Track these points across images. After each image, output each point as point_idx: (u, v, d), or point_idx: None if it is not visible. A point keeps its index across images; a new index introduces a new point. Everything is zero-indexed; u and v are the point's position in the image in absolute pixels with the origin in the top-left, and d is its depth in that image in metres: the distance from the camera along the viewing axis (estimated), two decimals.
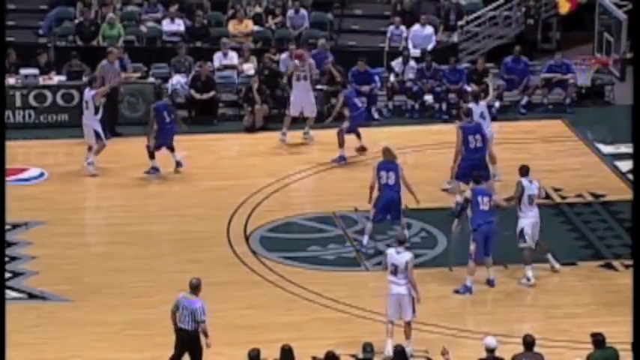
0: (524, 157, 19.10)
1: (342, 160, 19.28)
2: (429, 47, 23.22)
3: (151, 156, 18.92)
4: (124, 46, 22.54)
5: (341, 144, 19.27)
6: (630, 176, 18.98)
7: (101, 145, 18.88)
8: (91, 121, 18.85)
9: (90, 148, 18.90)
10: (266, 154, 20.20)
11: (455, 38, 23.80)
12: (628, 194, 18.23)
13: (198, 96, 21.59)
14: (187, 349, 12.92)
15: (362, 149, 19.67)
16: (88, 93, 18.99)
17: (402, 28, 23.53)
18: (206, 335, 12.84)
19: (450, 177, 17.73)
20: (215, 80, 21.94)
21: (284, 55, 22.49)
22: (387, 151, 16.43)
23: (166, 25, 23.53)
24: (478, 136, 17.32)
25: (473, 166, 16.92)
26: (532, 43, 24.69)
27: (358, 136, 19.63)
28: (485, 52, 23.65)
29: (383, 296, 13.93)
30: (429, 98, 22.13)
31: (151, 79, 21.98)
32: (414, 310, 13.69)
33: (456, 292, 15.19)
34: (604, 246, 16.61)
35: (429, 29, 23.45)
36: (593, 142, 20.53)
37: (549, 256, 15.79)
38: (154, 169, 18.89)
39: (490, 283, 15.47)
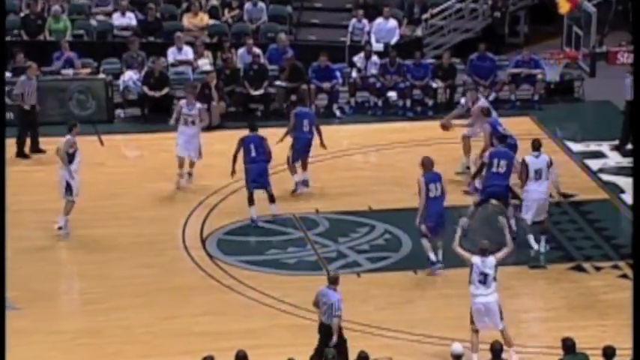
0: None
1: (304, 186, 18.23)
2: (393, 41, 23.30)
3: (250, 201, 17.15)
4: (72, 41, 22.42)
5: (292, 171, 18.17)
6: (601, 175, 19.19)
7: (71, 202, 16.89)
8: (64, 172, 16.87)
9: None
10: (223, 153, 20.11)
11: (419, 32, 23.90)
12: (598, 194, 18.43)
13: (151, 93, 21.53)
14: (327, 341, 13.04)
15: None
16: (69, 140, 16.89)
17: (365, 21, 23.60)
18: (335, 332, 12.99)
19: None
20: (169, 76, 21.89)
21: (241, 50, 22.49)
22: (429, 162, 15.90)
23: (117, 19, 23.43)
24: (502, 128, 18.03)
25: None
26: (499, 37, 24.86)
27: (304, 165, 18.16)
28: (451, 47, 23.78)
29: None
30: (392, 95, 22.21)
31: (102, 76, 21.88)
32: (501, 318, 13.64)
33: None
34: (574, 247, 16.75)
35: (393, 23, 23.53)
36: (563, 139, 20.69)
37: (542, 237, 16.29)
38: (252, 221, 17.18)
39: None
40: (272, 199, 17.39)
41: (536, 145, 16.46)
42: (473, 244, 14.73)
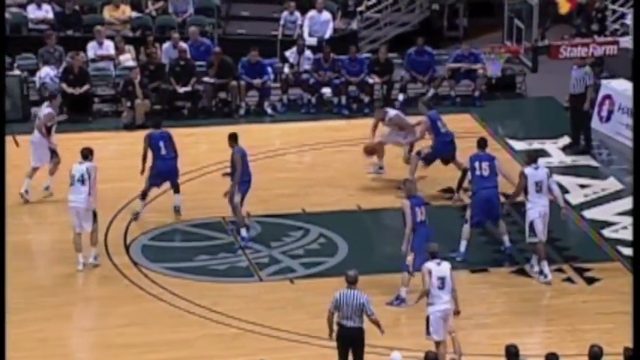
0: None
1: (246, 242, 16.86)
2: (327, 35, 23.36)
3: (143, 196, 17.41)
4: None
5: (242, 223, 16.89)
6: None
7: (56, 161, 18.23)
8: (44, 140, 18.21)
9: (33, 171, 18.18)
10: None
11: (354, 25, 24.00)
12: None
13: (70, 90, 21.35)
14: (351, 346, 13.02)
15: (227, 175, 17.63)
16: (45, 109, 18.30)
17: (297, 14, 23.63)
18: (379, 325, 13.07)
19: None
20: (89, 73, 21.74)
21: (166, 45, 22.40)
22: (412, 184, 15.65)
23: (32, 11, 23.20)
24: (445, 121, 18.41)
25: (448, 145, 18.14)
26: (437, 31, 25.04)
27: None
28: (388, 41, 23.90)
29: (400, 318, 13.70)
30: (327, 91, 22.26)
31: (16, 72, 21.64)
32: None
33: (389, 304, 15.32)
34: (516, 250, 16.91)
35: (326, 15, 23.59)
36: (505, 137, 20.90)
37: (545, 262, 15.96)
38: (135, 215, 17.45)
39: (507, 250, 16.31)
40: (177, 189, 17.63)
41: (533, 157, 16.30)
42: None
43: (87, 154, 16.47)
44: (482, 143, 16.89)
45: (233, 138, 17.06)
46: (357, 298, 13.03)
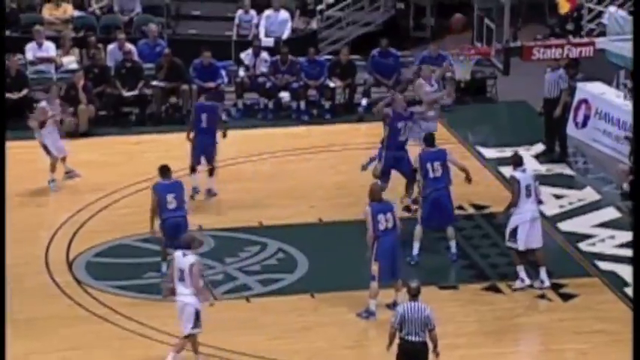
0: None
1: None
2: (284, 36, 23.42)
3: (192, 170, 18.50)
4: None
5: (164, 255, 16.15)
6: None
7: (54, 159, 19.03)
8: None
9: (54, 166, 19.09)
10: (92, 163, 20.00)
11: (314, 25, 24.06)
12: None
13: (7, 95, 21.25)
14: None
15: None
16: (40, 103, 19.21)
17: (253, 13, 23.68)
18: (436, 344, 13.18)
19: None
20: (27, 76, 21.66)
21: (112, 46, 22.34)
22: (377, 190, 15.46)
23: None
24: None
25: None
26: (403, 31, 25.15)
27: None
28: (350, 42, 23.97)
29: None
30: (285, 96, 22.31)
31: None
32: (195, 325, 13.96)
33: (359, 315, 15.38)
34: (488, 265, 16.98)
35: (284, 14, 23.64)
36: (475, 144, 20.99)
37: (542, 270, 16.08)
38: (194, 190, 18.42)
39: (452, 257, 16.79)
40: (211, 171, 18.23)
41: (518, 160, 16.26)
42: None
43: None
44: (430, 139, 16.87)
45: (162, 170, 16.24)
46: (422, 310, 13.12)
